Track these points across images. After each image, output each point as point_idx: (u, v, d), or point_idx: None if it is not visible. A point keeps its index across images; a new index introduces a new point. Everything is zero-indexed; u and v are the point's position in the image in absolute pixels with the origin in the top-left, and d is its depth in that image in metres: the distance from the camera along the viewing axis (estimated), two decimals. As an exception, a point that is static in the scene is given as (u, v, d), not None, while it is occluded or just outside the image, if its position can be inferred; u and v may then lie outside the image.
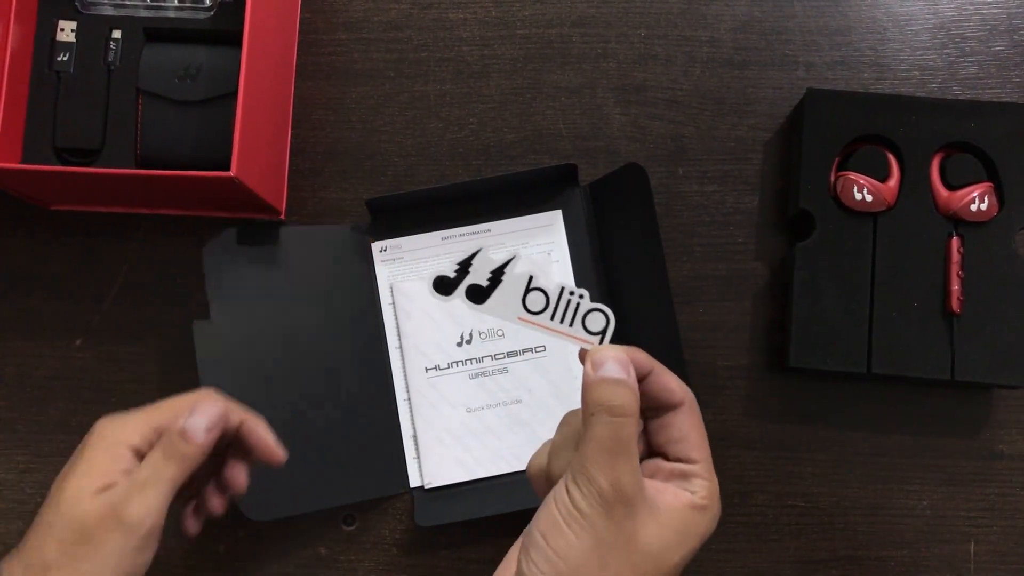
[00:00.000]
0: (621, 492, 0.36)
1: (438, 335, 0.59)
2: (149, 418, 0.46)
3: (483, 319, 0.58)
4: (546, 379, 0.59)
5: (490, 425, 0.59)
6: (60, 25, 0.60)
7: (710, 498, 0.39)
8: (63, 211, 0.63)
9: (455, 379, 0.59)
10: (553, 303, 0.41)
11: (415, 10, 0.65)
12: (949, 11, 0.64)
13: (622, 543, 0.36)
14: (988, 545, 0.60)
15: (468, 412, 0.59)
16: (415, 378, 0.59)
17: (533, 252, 0.61)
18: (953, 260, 0.58)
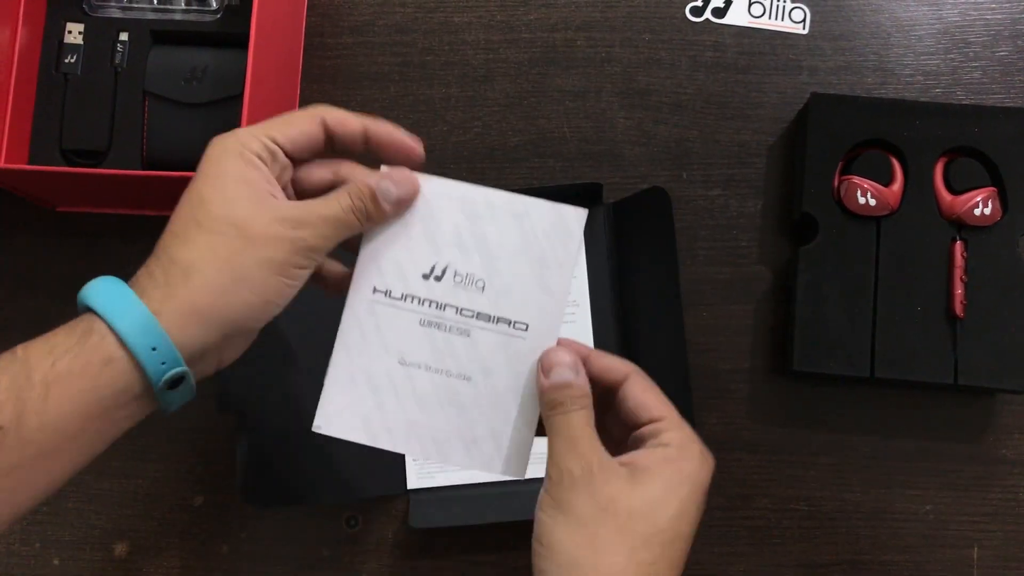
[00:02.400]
0: (589, 468, 0.39)
1: (405, 254, 0.45)
2: (268, 130, 0.42)
3: (470, 257, 0.45)
4: (511, 367, 0.44)
5: (420, 392, 0.45)
6: (68, 27, 0.61)
7: (684, 444, 0.41)
8: (69, 212, 0.63)
9: (403, 317, 0.45)
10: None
11: (421, 14, 0.65)
12: (953, 16, 0.65)
13: (603, 513, 0.38)
14: (991, 550, 0.60)
15: (400, 364, 0.45)
16: (357, 296, 0.45)
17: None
18: (956, 264, 0.58)
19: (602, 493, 0.38)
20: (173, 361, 0.39)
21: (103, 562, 0.60)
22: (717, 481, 0.60)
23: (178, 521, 0.60)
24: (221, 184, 0.41)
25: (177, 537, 0.60)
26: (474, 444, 0.44)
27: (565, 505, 0.39)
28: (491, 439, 0.44)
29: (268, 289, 0.40)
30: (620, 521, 0.38)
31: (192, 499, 0.60)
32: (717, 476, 0.60)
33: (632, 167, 0.63)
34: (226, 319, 0.40)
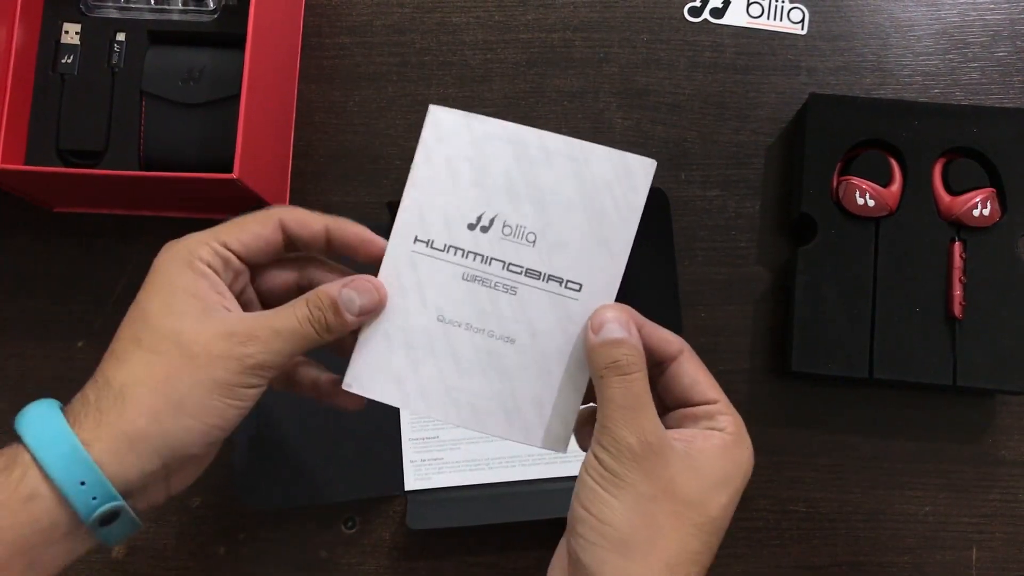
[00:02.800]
0: (648, 444, 0.36)
1: (451, 200, 0.42)
2: (219, 235, 0.40)
3: (521, 207, 0.41)
4: (561, 331, 0.41)
5: (459, 353, 0.42)
6: (64, 27, 0.61)
7: (739, 431, 0.40)
8: (67, 213, 0.63)
9: (444, 270, 0.42)
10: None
11: (418, 14, 0.65)
12: (952, 16, 0.64)
13: (662, 494, 0.36)
14: (990, 551, 0.59)
15: (439, 321, 0.41)
16: (397, 246, 0.42)
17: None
18: (955, 265, 0.58)
19: (662, 473, 0.36)
20: (105, 495, 0.36)
21: (101, 563, 0.60)
22: (716, 482, 0.60)
23: (175, 522, 0.60)
24: (166, 296, 0.39)
25: (174, 538, 0.60)
26: (516, 412, 0.41)
27: (621, 478, 0.36)
28: (534, 408, 0.41)
29: (210, 413, 0.37)
30: (677, 506, 0.37)
31: (189, 500, 0.60)
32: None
33: (630, 168, 0.63)
34: (164, 446, 0.37)
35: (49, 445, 0.37)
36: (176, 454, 0.38)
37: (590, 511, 0.37)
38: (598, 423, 0.38)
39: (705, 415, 0.40)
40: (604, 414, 0.37)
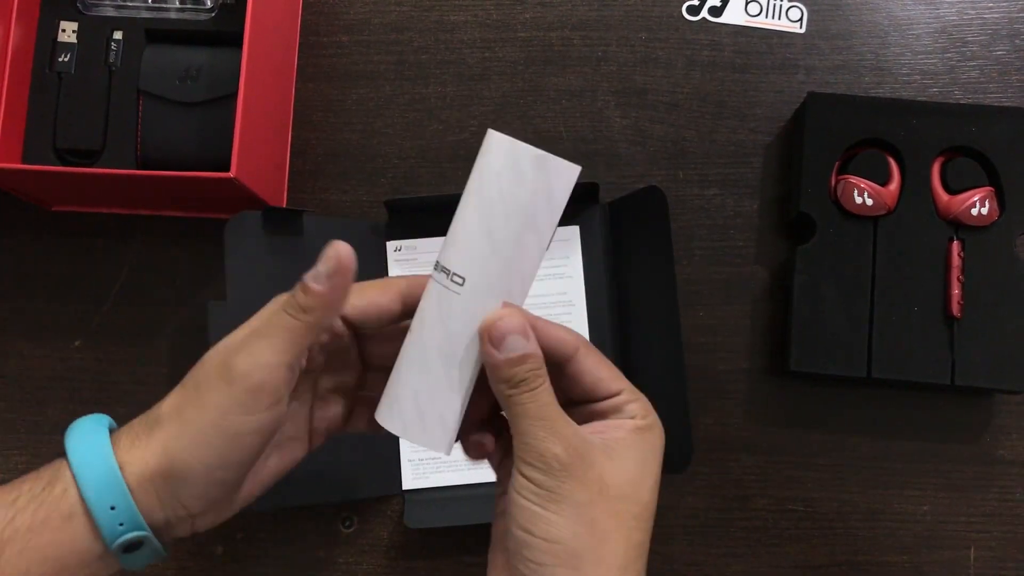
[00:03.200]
0: (575, 449, 0.36)
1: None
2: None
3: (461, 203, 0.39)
4: (442, 324, 0.38)
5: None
6: (62, 26, 0.60)
7: (647, 412, 0.39)
8: (64, 212, 0.63)
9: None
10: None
11: (416, 12, 0.65)
12: (950, 15, 0.64)
13: (597, 496, 0.36)
14: (988, 551, 0.59)
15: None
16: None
17: (547, 265, 0.61)
18: (954, 264, 0.58)
19: (591, 475, 0.36)
20: (132, 523, 0.37)
21: (97, 563, 0.59)
22: (714, 482, 0.60)
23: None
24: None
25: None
26: (396, 404, 0.39)
27: (556, 491, 0.36)
28: (412, 402, 0.39)
29: (224, 427, 0.37)
30: (613, 504, 0.36)
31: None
32: (715, 477, 0.60)
33: (628, 166, 0.63)
34: (173, 477, 0.37)
35: (89, 464, 0.37)
36: (189, 490, 0.38)
37: (533, 533, 0.36)
38: (517, 440, 0.37)
39: (612, 408, 0.39)
40: (522, 430, 0.36)
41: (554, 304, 0.61)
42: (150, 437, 0.38)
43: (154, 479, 0.37)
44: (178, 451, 0.37)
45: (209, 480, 0.38)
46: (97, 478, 0.36)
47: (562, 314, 0.60)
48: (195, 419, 0.37)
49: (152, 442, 0.37)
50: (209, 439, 0.37)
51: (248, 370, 0.37)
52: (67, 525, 0.36)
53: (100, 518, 0.36)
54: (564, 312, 0.61)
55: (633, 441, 0.38)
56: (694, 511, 0.60)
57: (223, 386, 0.37)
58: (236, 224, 0.55)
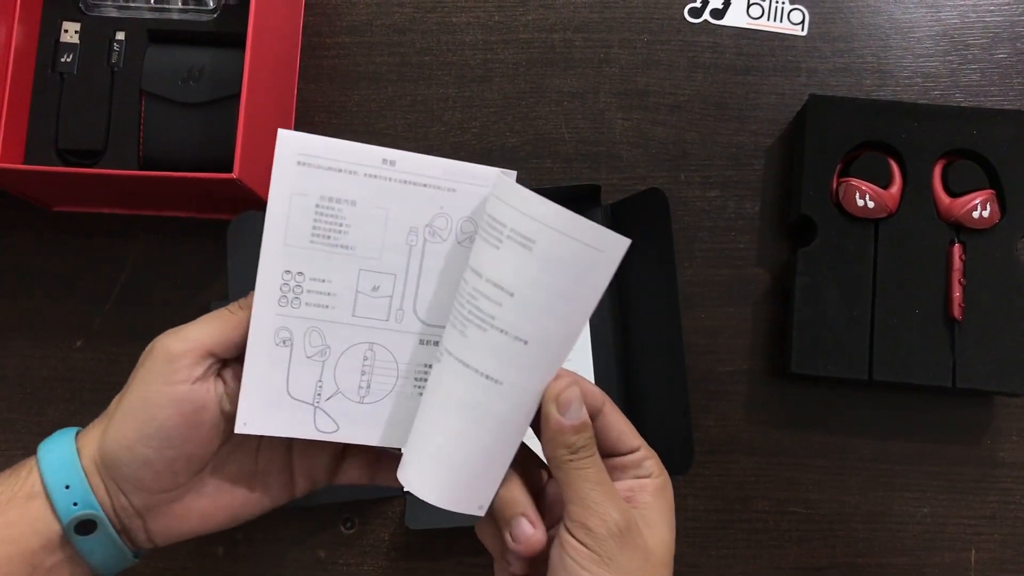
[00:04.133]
0: (628, 518, 0.37)
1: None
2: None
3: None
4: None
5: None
6: (64, 26, 0.60)
7: (662, 469, 0.40)
8: (65, 212, 0.63)
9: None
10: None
11: (418, 14, 0.65)
12: (952, 18, 0.65)
13: (645, 563, 0.36)
14: (988, 553, 0.59)
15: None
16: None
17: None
18: (955, 267, 0.58)
19: (640, 542, 0.37)
20: (85, 502, 0.38)
21: (98, 563, 0.59)
22: (715, 483, 0.60)
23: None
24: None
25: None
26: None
27: (613, 559, 0.36)
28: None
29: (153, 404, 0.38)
30: (653, 568, 0.37)
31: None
32: (715, 479, 0.60)
33: (630, 168, 0.63)
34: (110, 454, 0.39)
35: (51, 449, 0.39)
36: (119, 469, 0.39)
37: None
38: (573, 505, 0.36)
39: (633, 464, 0.40)
40: (582, 494, 0.36)
41: (555, 305, 0.61)
42: (101, 422, 0.40)
43: (96, 459, 0.39)
44: (110, 429, 0.39)
45: (134, 457, 0.39)
46: (56, 460, 0.39)
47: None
48: (124, 397, 0.39)
49: (100, 426, 0.40)
50: (130, 412, 0.39)
51: (169, 344, 0.39)
52: (28, 505, 0.38)
53: (55, 495, 0.38)
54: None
55: (659, 504, 0.39)
56: (695, 513, 0.60)
57: (146, 361, 0.39)
58: (239, 225, 0.55)
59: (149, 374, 0.39)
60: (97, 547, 0.39)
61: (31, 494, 0.38)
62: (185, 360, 0.38)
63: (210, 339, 0.39)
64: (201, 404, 0.39)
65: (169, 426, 0.38)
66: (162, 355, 0.39)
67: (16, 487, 0.39)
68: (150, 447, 0.38)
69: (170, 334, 0.39)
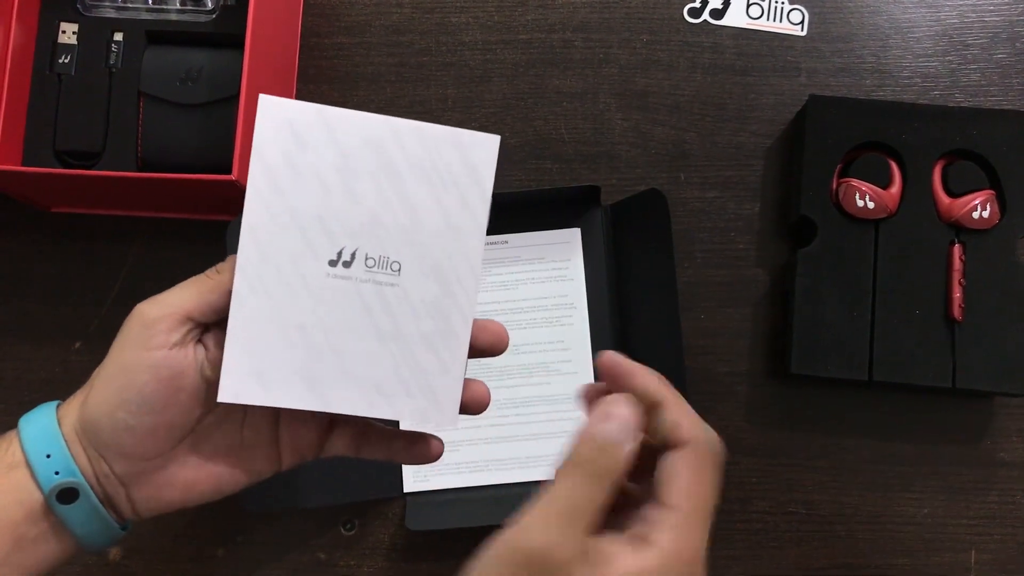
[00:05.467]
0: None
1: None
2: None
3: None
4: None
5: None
6: (62, 27, 0.60)
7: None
8: (63, 214, 0.63)
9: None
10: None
11: (417, 14, 0.65)
12: (951, 18, 0.64)
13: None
14: (989, 554, 0.59)
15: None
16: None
17: (549, 267, 0.61)
18: (955, 268, 0.58)
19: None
20: (66, 471, 0.38)
21: (97, 566, 0.59)
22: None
23: (173, 525, 0.60)
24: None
25: (173, 540, 0.60)
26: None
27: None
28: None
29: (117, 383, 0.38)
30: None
31: (187, 502, 0.60)
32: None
33: (629, 169, 0.63)
34: (90, 420, 0.39)
35: (32, 420, 0.39)
36: (99, 436, 0.39)
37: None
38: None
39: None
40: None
41: (555, 307, 0.61)
42: (82, 392, 0.40)
43: (76, 427, 0.39)
44: (90, 396, 0.39)
45: (114, 423, 0.38)
46: (37, 430, 0.39)
47: (563, 316, 0.60)
48: (103, 365, 0.39)
49: (80, 395, 0.40)
50: (109, 378, 0.39)
51: (146, 309, 0.39)
52: (10, 475, 0.38)
53: (36, 465, 0.38)
54: (565, 315, 0.61)
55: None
56: (695, 514, 0.60)
57: (124, 328, 0.39)
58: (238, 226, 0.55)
59: (127, 340, 0.39)
60: (80, 516, 0.39)
61: (12, 464, 0.38)
62: (162, 325, 0.38)
63: (188, 303, 0.39)
64: (179, 370, 0.38)
65: (147, 391, 0.38)
66: (139, 320, 0.39)
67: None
68: (129, 412, 0.38)
69: (148, 301, 0.39)
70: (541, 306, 0.61)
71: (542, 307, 0.61)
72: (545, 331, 0.60)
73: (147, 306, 0.39)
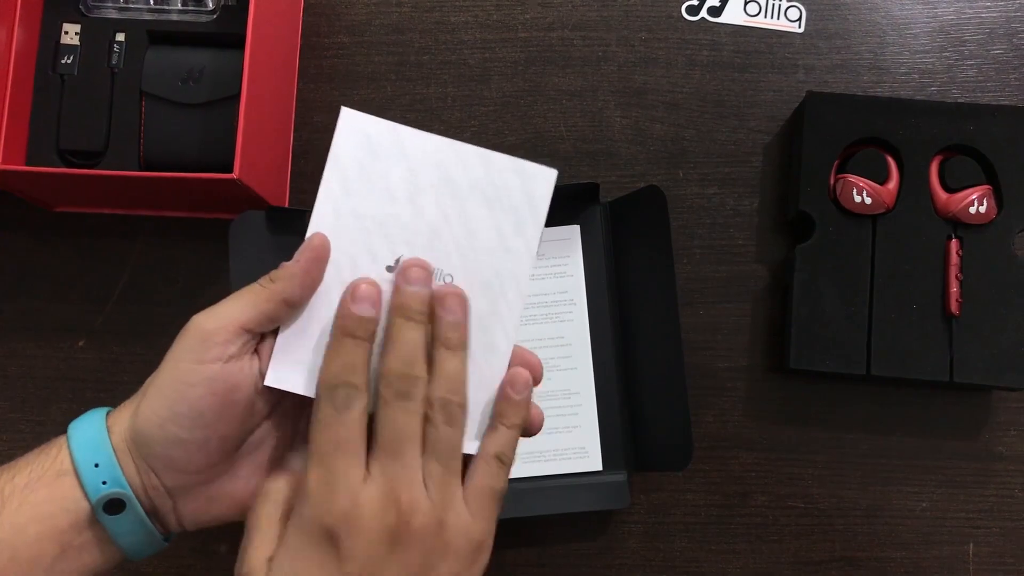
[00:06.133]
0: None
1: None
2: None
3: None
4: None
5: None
6: (64, 28, 0.61)
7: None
8: (67, 213, 0.63)
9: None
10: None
11: (417, 13, 0.65)
12: (948, 15, 0.65)
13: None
14: (987, 547, 0.60)
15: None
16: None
17: (548, 264, 0.61)
18: (952, 262, 0.58)
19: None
20: (114, 481, 0.38)
21: (102, 562, 0.60)
22: (715, 479, 0.61)
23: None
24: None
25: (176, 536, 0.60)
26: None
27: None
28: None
29: (170, 396, 0.38)
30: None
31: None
32: (715, 474, 0.61)
33: (628, 166, 0.64)
34: (141, 433, 0.38)
35: (81, 428, 0.39)
36: (150, 448, 0.38)
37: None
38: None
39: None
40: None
41: (555, 303, 0.61)
42: (133, 401, 0.39)
43: (127, 438, 0.39)
44: (141, 407, 0.38)
45: (165, 436, 0.38)
46: (86, 438, 0.38)
47: (563, 313, 0.61)
48: (157, 376, 0.39)
49: (132, 404, 0.39)
50: (162, 391, 0.38)
51: (202, 321, 0.38)
52: (58, 482, 0.38)
53: (84, 474, 0.37)
54: (565, 311, 0.61)
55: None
56: (694, 508, 0.60)
57: (180, 340, 0.38)
58: (240, 224, 0.56)
59: (182, 352, 0.38)
60: (126, 527, 0.39)
61: (60, 472, 0.38)
62: (218, 337, 0.38)
63: (243, 315, 0.38)
64: (234, 383, 0.38)
65: (201, 405, 0.38)
66: (195, 333, 0.38)
67: (46, 465, 0.38)
68: (181, 426, 0.38)
69: (204, 313, 0.39)
70: (541, 302, 0.61)
71: (542, 303, 0.61)
72: (545, 327, 0.61)
73: (203, 318, 0.38)
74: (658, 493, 0.60)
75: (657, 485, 0.60)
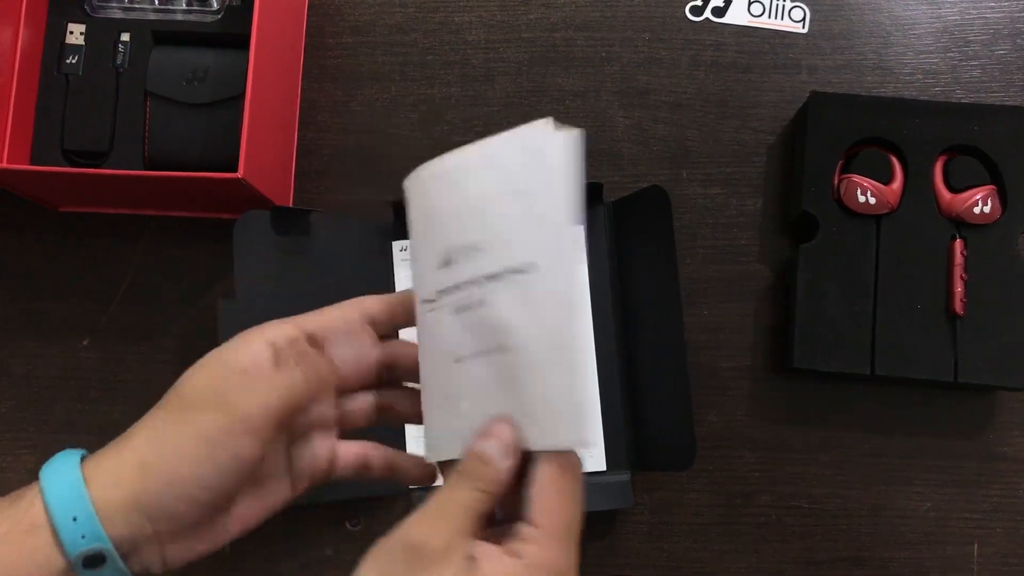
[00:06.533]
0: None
1: (425, 249, 0.41)
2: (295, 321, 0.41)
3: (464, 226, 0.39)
4: (534, 317, 0.36)
5: (481, 382, 0.38)
6: (69, 28, 0.61)
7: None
8: (71, 213, 0.63)
9: (442, 315, 0.40)
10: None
11: (421, 14, 0.65)
12: (952, 15, 0.65)
13: None
14: (991, 547, 0.60)
15: (457, 363, 0.39)
16: (416, 315, 0.42)
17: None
18: (956, 262, 0.58)
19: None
20: (94, 535, 0.36)
21: (106, 561, 0.60)
22: (718, 479, 0.61)
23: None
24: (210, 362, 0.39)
25: None
26: (532, 418, 0.36)
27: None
28: (543, 406, 0.36)
29: (189, 464, 0.37)
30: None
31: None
32: (718, 474, 0.61)
33: (632, 166, 0.64)
34: (143, 492, 0.37)
35: (55, 479, 0.37)
36: (159, 506, 0.37)
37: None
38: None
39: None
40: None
41: (559, 303, 0.61)
42: (119, 454, 0.38)
43: (122, 493, 0.37)
44: (155, 463, 0.37)
45: (180, 495, 0.37)
46: (61, 490, 0.36)
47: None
48: (176, 434, 0.37)
49: (122, 457, 0.38)
50: (187, 452, 0.37)
51: (238, 401, 0.38)
52: (29, 538, 0.36)
53: (62, 529, 0.36)
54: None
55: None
56: (697, 508, 0.60)
57: (212, 411, 0.37)
58: (245, 223, 0.56)
59: (214, 423, 0.37)
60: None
61: (35, 524, 0.36)
62: (255, 423, 0.38)
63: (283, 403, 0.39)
64: (260, 457, 0.39)
65: (229, 476, 0.38)
66: (234, 413, 0.38)
67: (18, 516, 0.36)
68: (201, 488, 0.37)
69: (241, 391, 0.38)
70: (545, 302, 0.61)
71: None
72: (549, 327, 0.61)
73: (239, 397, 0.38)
74: (661, 493, 0.60)
75: (660, 485, 0.60)
